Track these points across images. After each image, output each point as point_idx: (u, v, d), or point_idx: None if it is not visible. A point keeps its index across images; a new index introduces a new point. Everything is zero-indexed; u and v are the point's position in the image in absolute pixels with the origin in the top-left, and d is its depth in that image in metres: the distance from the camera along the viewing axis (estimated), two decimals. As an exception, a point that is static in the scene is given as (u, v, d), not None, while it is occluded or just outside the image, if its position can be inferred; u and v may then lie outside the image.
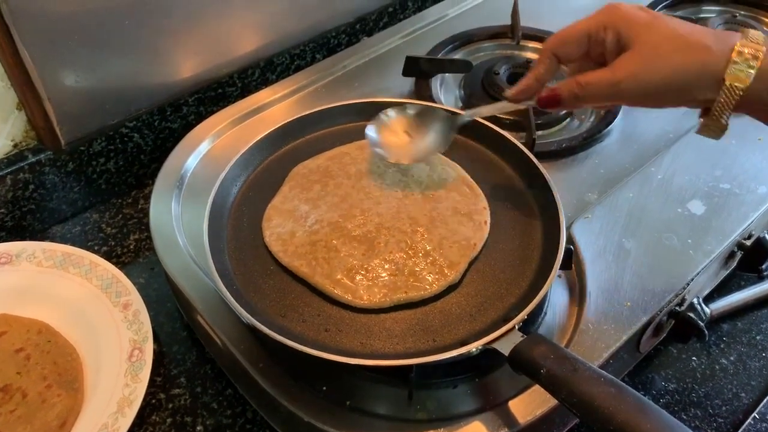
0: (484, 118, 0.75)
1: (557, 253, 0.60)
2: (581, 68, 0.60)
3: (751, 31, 0.52)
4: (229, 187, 0.69)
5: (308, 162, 0.72)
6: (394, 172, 0.70)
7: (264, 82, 0.97)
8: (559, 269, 0.61)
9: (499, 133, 0.73)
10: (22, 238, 0.78)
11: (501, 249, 0.64)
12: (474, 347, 0.54)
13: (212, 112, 0.85)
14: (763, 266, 0.72)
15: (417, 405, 0.58)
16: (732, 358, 0.72)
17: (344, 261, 0.61)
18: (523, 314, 0.55)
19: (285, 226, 0.65)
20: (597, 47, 0.57)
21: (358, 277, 0.60)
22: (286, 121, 0.75)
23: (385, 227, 0.64)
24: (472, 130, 0.75)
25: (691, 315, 0.67)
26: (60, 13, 0.72)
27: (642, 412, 0.46)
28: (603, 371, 0.50)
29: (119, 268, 0.73)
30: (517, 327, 0.55)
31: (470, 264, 0.63)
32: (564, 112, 0.85)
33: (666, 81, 0.53)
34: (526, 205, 0.68)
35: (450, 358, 0.54)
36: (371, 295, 0.59)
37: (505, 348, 0.54)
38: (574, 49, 0.59)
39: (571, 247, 0.66)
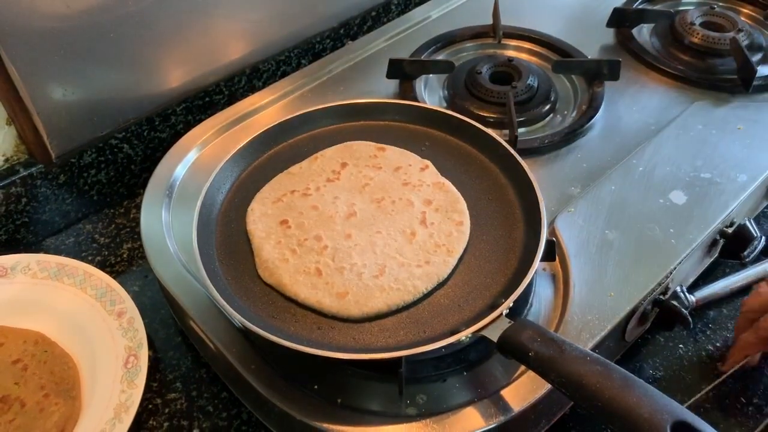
0: (468, 116, 0.76)
1: (539, 241, 0.61)
2: None
3: None
4: (215, 194, 0.70)
5: (272, 182, 0.72)
6: (370, 181, 0.71)
7: (250, 89, 0.97)
8: (543, 261, 0.63)
9: (482, 130, 0.74)
10: (17, 251, 0.79)
11: (486, 240, 0.66)
12: (464, 335, 0.55)
13: (200, 121, 0.86)
14: (745, 253, 0.73)
15: (407, 400, 0.59)
16: (718, 344, 0.73)
17: (332, 275, 0.62)
18: (509, 300, 0.57)
19: (272, 253, 0.64)
20: None
21: (348, 293, 0.61)
22: (267, 127, 0.75)
23: (366, 234, 0.65)
24: (456, 127, 0.76)
25: (675, 303, 0.68)
26: (46, 28, 0.73)
27: (628, 387, 0.48)
28: (589, 351, 0.51)
29: (113, 277, 0.74)
30: (504, 314, 0.56)
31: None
32: (547, 107, 0.86)
33: None
34: (509, 200, 0.69)
35: (441, 347, 0.55)
36: (361, 306, 0.60)
37: (493, 334, 0.55)
38: None
39: (554, 239, 0.67)
